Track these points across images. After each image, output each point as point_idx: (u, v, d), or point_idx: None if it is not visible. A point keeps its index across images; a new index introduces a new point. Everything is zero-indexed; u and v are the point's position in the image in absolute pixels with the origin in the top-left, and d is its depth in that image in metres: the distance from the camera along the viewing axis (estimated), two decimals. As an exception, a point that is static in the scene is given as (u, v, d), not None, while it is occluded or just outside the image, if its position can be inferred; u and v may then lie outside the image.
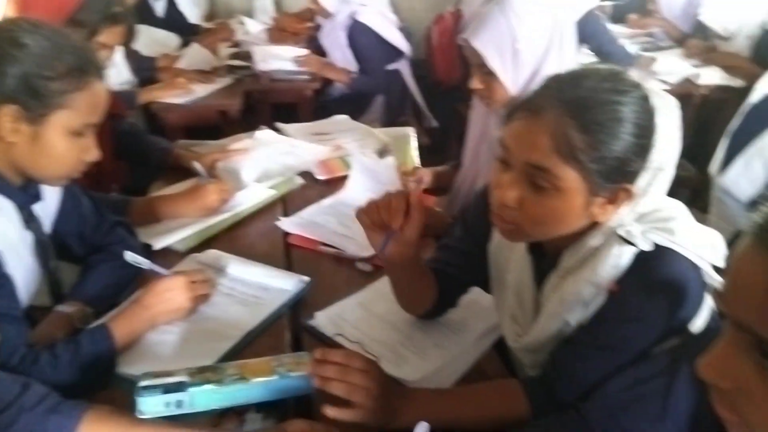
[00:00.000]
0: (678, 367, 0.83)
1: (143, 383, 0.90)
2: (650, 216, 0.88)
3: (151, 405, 0.88)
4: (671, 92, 2.81)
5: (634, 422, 0.86)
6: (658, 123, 0.84)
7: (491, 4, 1.35)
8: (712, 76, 2.89)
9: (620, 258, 0.86)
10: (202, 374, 0.92)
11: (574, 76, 0.85)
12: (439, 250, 1.18)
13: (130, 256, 1.18)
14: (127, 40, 1.68)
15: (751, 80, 2.77)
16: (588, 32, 2.88)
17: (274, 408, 0.93)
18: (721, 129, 2.54)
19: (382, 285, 1.27)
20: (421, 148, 2.01)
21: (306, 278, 1.27)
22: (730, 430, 0.58)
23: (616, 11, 3.83)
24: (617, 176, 0.83)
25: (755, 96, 2.12)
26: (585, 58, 2.96)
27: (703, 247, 0.87)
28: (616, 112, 0.81)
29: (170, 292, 1.13)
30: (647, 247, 0.85)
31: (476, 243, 1.10)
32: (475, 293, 1.23)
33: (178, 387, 0.89)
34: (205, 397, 0.89)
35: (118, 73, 2.29)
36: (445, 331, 1.19)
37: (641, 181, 0.86)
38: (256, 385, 0.91)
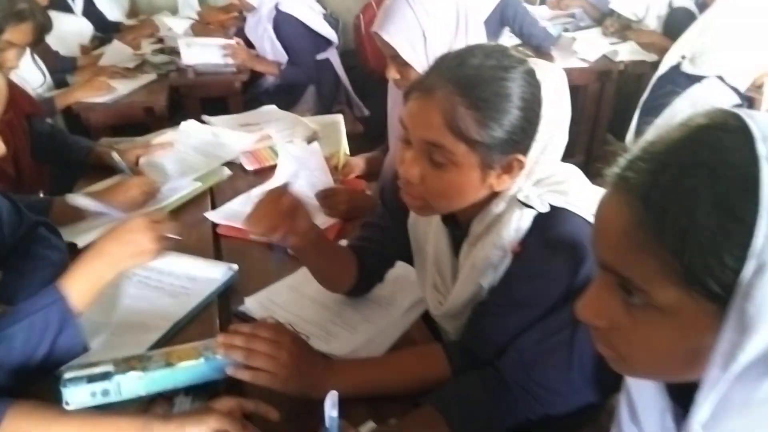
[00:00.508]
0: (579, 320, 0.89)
1: (68, 375, 0.89)
2: (546, 180, 0.94)
3: (77, 396, 0.88)
4: (591, 70, 2.99)
5: (544, 373, 0.92)
6: (545, 95, 0.89)
7: (393, -6, 1.38)
8: (629, 53, 3.04)
9: (521, 221, 0.91)
10: (127, 363, 0.92)
11: (461, 55, 0.89)
12: (362, 229, 1.21)
13: (71, 198, 1.12)
14: (37, 38, 1.63)
15: (664, 54, 2.96)
16: (509, 15, 2.97)
17: (204, 391, 0.94)
18: (638, 102, 2.69)
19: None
20: (357, 137, 2.04)
21: (234, 266, 1.27)
22: (611, 365, 0.64)
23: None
24: (508, 148, 0.88)
25: (661, 69, 2.26)
26: (508, 40, 3.05)
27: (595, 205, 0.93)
28: (502, 88, 0.85)
29: (132, 234, 1.02)
30: (544, 209, 0.90)
31: (395, 219, 1.14)
32: (404, 269, 1.27)
33: (104, 376, 0.89)
34: (132, 385, 0.90)
35: (29, 74, 2.20)
36: (374, 306, 1.22)
37: (533, 151, 0.91)
38: (183, 369, 0.92)
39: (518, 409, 0.92)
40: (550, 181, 0.94)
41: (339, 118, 2.08)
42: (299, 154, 1.61)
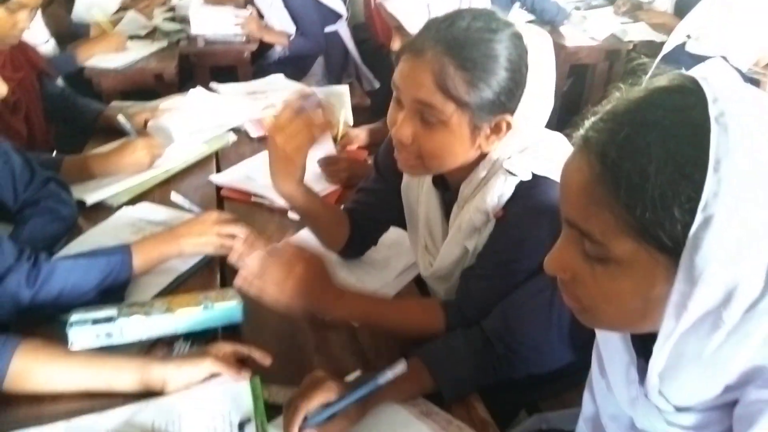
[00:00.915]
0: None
1: (74, 318, 0.95)
2: (532, 148, 0.97)
3: (82, 337, 0.93)
4: (600, 48, 2.98)
5: (525, 333, 0.96)
6: (531, 58, 0.92)
7: (400, -33, 1.40)
8: (639, 33, 3.02)
9: (504, 187, 0.95)
10: (130, 308, 0.98)
11: (450, 17, 0.92)
12: (357, 193, 1.25)
13: (174, 197, 1.33)
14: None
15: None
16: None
17: (202, 337, 1.00)
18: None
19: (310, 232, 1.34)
20: (363, 110, 2.07)
21: None
22: (577, 317, 0.69)
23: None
24: (496, 108, 0.91)
25: (666, 48, 2.25)
26: (520, 15, 3.05)
27: None
28: (490, 50, 0.88)
29: (203, 226, 1.18)
30: (526, 177, 0.94)
31: (388, 183, 1.18)
32: (398, 235, 1.32)
33: (108, 319, 0.94)
34: (134, 328, 0.95)
35: (35, 34, 2.23)
36: (369, 268, 1.27)
37: (519, 112, 0.94)
38: (182, 315, 0.97)
39: (501, 367, 0.97)
40: (536, 149, 0.97)
41: (345, 89, 2.11)
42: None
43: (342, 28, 3.12)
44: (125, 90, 2.48)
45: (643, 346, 0.69)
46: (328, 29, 3.03)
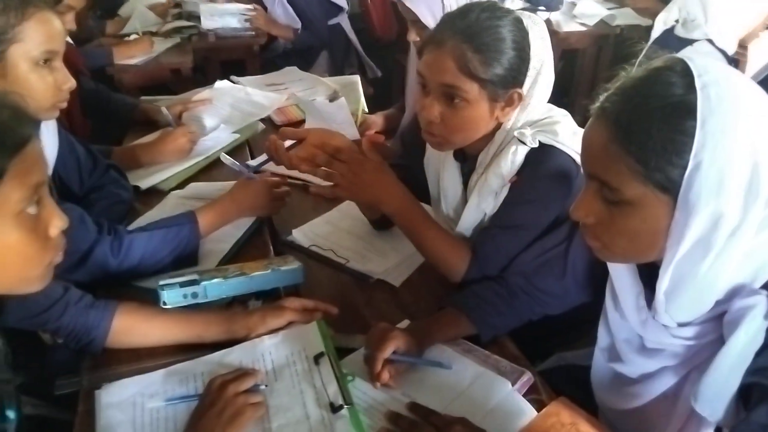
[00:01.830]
0: (572, 235, 1.10)
1: (163, 282, 1.11)
2: (540, 122, 1.16)
3: (173, 296, 1.09)
4: (590, 34, 3.15)
5: (543, 280, 1.14)
6: (531, 38, 1.10)
7: (416, -36, 1.56)
8: (625, 17, 3.20)
9: (516, 155, 1.14)
10: (209, 273, 1.13)
11: (461, 11, 1.11)
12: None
13: (224, 158, 1.49)
14: (91, 2, 1.79)
15: (658, 19, 3.12)
16: (514, -20, 3.12)
17: (269, 296, 1.16)
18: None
19: (345, 206, 1.51)
20: (368, 98, 2.22)
21: None
22: (597, 254, 0.86)
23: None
24: (508, 83, 1.10)
25: (655, 32, 2.43)
26: (516, 3, 3.22)
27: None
28: (498, 34, 1.07)
29: (257, 189, 1.34)
30: (534, 144, 1.12)
31: (413, 159, 1.35)
32: (427, 209, 1.48)
33: (192, 282, 1.10)
34: (215, 288, 1.11)
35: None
36: (400, 237, 1.41)
37: (526, 84, 1.12)
38: (255, 277, 1.13)
39: (522, 310, 1.14)
40: (543, 122, 1.16)
41: (356, 78, 2.26)
42: (327, 109, 1.80)
43: (344, 21, 3.26)
44: (142, 85, 2.62)
45: (647, 278, 0.87)
46: (331, 22, 3.17)
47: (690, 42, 2.59)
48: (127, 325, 1.06)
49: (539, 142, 1.13)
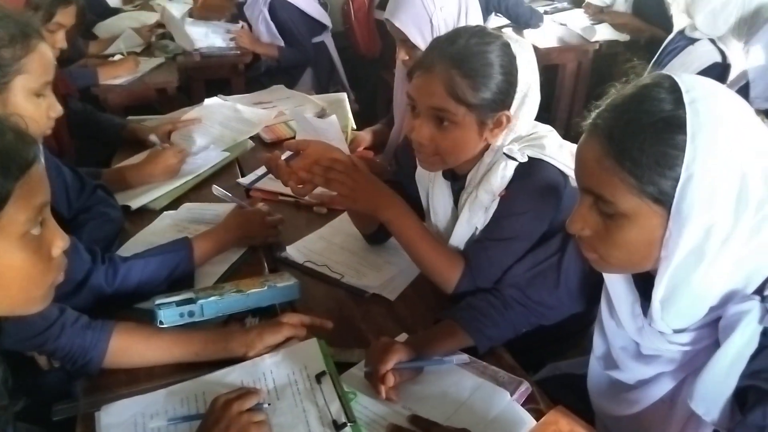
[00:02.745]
0: (565, 246, 1.13)
1: (159, 301, 1.10)
2: (527, 138, 1.19)
3: (169, 316, 1.09)
4: (569, 49, 3.19)
5: (537, 292, 1.15)
6: (519, 63, 1.13)
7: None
8: (603, 33, 3.27)
9: (505, 170, 1.16)
10: (205, 291, 1.14)
11: (450, 37, 1.14)
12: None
13: (215, 190, 1.50)
14: (80, 20, 1.79)
15: (636, 34, 3.19)
16: (494, 1, 3.18)
17: (266, 313, 1.16)
18: (614, 79, 2.91)
19: (338, 222, 1.53)
20: (354, 115, 2.24)
21: None
22: (594, 265, 0.88)
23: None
24: (496, 106, 1.13)
25: (671, 35, 2.45)
26: (498, 21, 3.28)
27: (569, 158, 1.17)
28: (486, 59, 1.10)
29: (250, 219, 1.37)
30: (523, 159, 1.15)
31: (406, 174, 1.37)
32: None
33: (189, 301, 1.10)
34: (212, 307, 1.11)
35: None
36: (394, 251, 1.43)
37: (514, 106, 1.15)
38: (251, 294, 1.14)
39: (518, 321, 1.16)
40: (530, 138, 1.19)
41: (343, 96, 2.28)
42: (319, 125, 1.81)
43: (327, 39, 3.30)
44: (128, 104, 2.62)
45: (642, 286, 0.89)
46: (315, 40, 3.20)
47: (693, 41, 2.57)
48: (124, 346, 1.05)
49: (527, 156, 1.15)
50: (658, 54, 2.47)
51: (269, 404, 0.96)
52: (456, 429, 0.91)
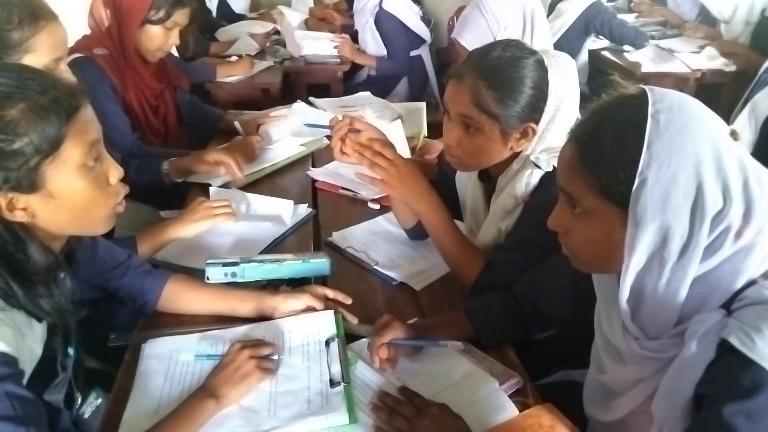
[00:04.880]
0: None
1: (209, 261, 1.28)
2: (555, 148, 1.23)
3: (215, 273, 1.26)
4: (668, 75, 3.06)
5: (550, 299, 1.19)
6: (552, 77, 1.19)
7: (471, 5, 1.69)
8: (706, 59, 3.12)
9: (531, 177, 1.22)
10: (249, 258, 1.30)
11: (486, 49, 1.22)
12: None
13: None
14: (192, 20, 2.05)
15: (748, 66, 3.01)
16: (595, 22, 3.16)
17: (300, 283, 1.30)
18: (716, 111, 2.78)
19: (385, 218, 1.64)
20: (436, 125, 2.34)
21: (311, 209, 1.67)
22: (572, 263, 0.93)
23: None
24: (522, 118, 1.20)
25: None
26: (601, 44, 3.25)
27: None
28: (517, 73, 1.17)
29: (192, 210, 1.48)
30: (548, 169, 1.20)
31: (448, 176, 1.47)
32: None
33: (233, 264, 1.27)
34: (251, 271, 1.27)
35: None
36: (431, 248, 1.52)
37: (544, 119, 1.21)
38: (287, 265, 1.29)
39: (527, 323, 1.21)
40: (558, 149, 1.22)
41: (422, 105, 2.41)
42: (384, 128, 1.94)
43: (425, 53, 3.44)
44: (235, 100, 2.91)
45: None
46: (413, 53, 3.36)
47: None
48: (175, 293, 1.24)
49: (553, 166, 1.21)
50: (753, 83, 2.36)
51: (279, 357, 1.10)
52: (436, 403, 0.99)
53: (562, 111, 1.22)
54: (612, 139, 0.78)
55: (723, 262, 0.78)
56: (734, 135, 0.79)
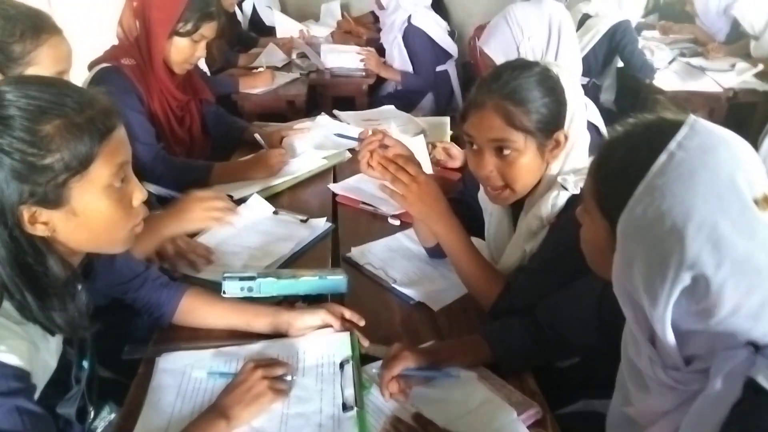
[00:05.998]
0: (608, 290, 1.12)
1: (226, 275, 1.27)
2: (582, 170, 1.20)
3: (231, 287, 1.25)
4: (698, 94, 3.01)
5: (573, 325, 1.15)
6: (562, 84, 1.19)
7: (499, 14, 1.68)
8: (737, 76, 3.05)
9: (558, 199, 1.19)
10: (266, 273, 1.29)
11: (493, 74, 1.20)
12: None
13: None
14: (219, 34, 2.07)
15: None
16: (617, 39, 3.11)
17: (316, 300, 1.29)
18: (750, 131, 2.72)
19: (405, 235, 1.62)
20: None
21: (331, 224, 1.66)
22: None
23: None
24: (551, 126, 1.18)
25: None
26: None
27: None
28: (528, 84, 1.16)
29: (184, 206, 1.38)
30: (576, 191, 1.17)
31: (471, 194, 1.44)
32: (477, 243, 1.55)
33: (250, 278, 1.26)
34: (268, 286, 1.26)
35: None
36: (449, 266, 1.50)
37: (566, 123, 1.20)
38: (303, 281, 1.27)
39: (547, 349, 1.17)
40: (585, 171, 1.19)
41: (446, 120, 2.39)
42: (407, 142, 1.93)
43: (451, 68, 3.43)
44: (261, 111, 2.93)
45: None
46: (440, 68, 3.35)
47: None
48: (192, 306, 1.23)
49: (580, 189, 1.18)
50: None
51: (293, 377, 1.08)
52: None
53: (577, 115, 1.22)
54: (618, 163, 0.78)
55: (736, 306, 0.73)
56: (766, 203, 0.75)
